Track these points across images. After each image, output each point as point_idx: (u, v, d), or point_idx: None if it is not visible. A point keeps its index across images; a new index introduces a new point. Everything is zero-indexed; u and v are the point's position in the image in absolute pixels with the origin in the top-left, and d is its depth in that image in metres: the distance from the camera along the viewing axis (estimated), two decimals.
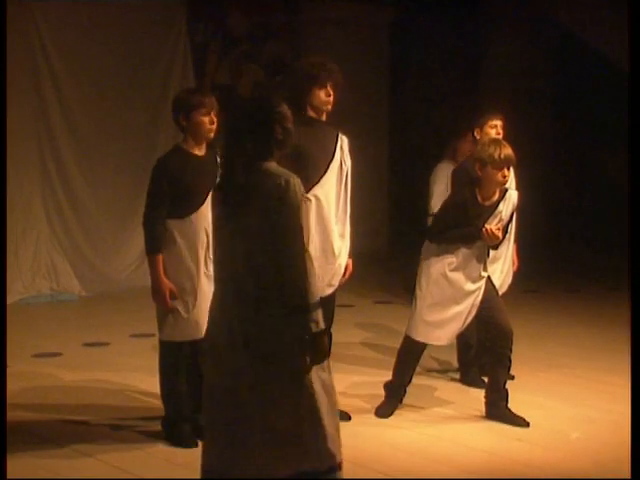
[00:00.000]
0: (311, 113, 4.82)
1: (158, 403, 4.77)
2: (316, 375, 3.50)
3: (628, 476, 3.50)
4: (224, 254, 3.55)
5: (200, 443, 4.49)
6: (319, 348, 3.46)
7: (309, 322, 3.44)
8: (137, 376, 5.68)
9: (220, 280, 3.59)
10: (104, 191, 8.74)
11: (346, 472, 4.26)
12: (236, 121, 3.57)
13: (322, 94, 4.77)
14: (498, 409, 4.98)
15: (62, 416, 5.03)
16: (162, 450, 4.54)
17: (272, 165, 3.55)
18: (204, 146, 4.63)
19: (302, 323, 3.42)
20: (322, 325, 3.51)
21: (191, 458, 4.41)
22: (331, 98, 4.79)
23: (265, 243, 3.43)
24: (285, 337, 3.43)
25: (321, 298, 4.80)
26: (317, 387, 3.50)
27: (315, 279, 3.52)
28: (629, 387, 3.66)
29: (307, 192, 4.78)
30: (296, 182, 3.48)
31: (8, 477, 3.81)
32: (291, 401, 3.46)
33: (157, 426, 4.71)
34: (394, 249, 11.17)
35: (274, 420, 3.45)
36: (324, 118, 4.86)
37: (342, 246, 4.89)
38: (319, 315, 3.51)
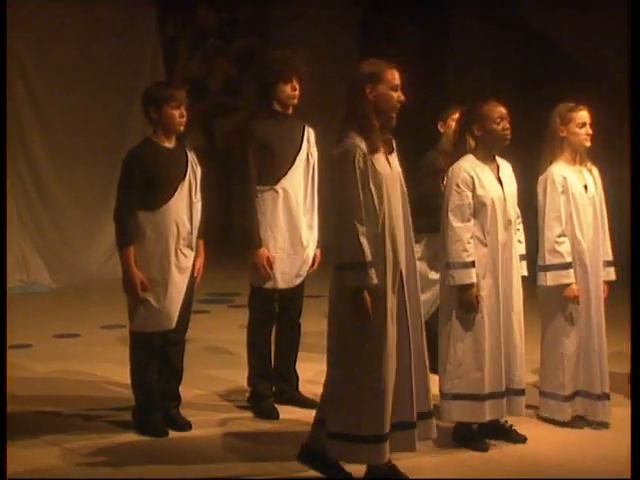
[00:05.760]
0: (277, 107, 4.89)
1: (129, 393, 4.80)
2: None
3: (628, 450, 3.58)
4: None
5: (170, 432, 4.62)
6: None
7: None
8: (108, 367, 5.72)
9: None
10: (74, 183, 8.75)
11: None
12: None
13: (288, 88, 4.84)
14: None
15: (33, 407, 5.05)
16: (132, 439, 4.57)
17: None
18: (174, 139, 4.67)
19: None
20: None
21: (160, 447, 4.49)
22: (297, 92, 4.87)
23: None
24: None
25: (290, 289, 4.95)
26: None
27: None
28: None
29: (275, 184, 4.88)
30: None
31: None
32: None
33: (128, 416, 4.75)
34: None
35: None
36: (290, 112, 4.93)
37: (310, 237, 4.97)
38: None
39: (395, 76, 3.94)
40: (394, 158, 3.99)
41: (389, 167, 3.92)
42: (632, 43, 3.97)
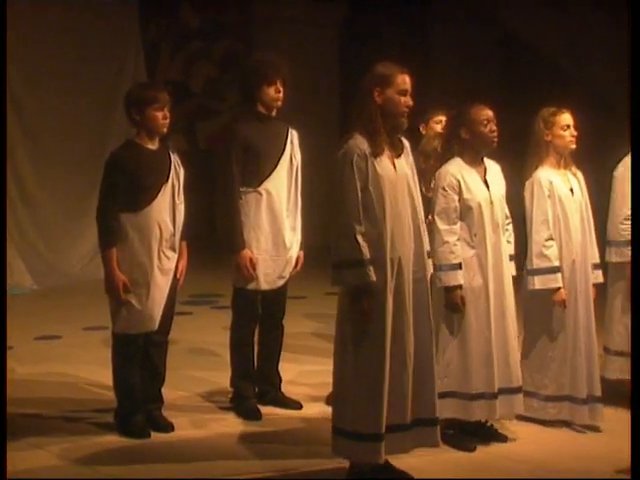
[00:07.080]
0: (261, 109, 4.91)
1: (111, 395, 4.79)
2: None
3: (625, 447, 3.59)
4: None
5: (152, 434, 4.62)
6: None
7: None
8: (90, 369, 5.71)
9: None
10: (56, 185, 8.73)
11: (298, 457, 4.38)
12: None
13: (272, 91, 4.87)
14: None
15: (14, 409, 4.99)
16: (114, 441, 4.57)
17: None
18: (157, 141, 4.67)
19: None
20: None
21: (143, 448, 4.49)
22: (281, 94, 4.89)
23: None
24: None
25: (273, 290, 4.97)
26: None
27: None
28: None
29: (258, 186, 4.89)
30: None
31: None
32: None
33: (110, 418, 4.74)
34: None
35: None
36: (274, 114, 4.95)
37: (293, 239, 4.98)
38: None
39: (405, 81, 3.96)
40: (403, 161, 4.00)
41: (393, 169, 3.94)
42: (632, 43, 3.98)
